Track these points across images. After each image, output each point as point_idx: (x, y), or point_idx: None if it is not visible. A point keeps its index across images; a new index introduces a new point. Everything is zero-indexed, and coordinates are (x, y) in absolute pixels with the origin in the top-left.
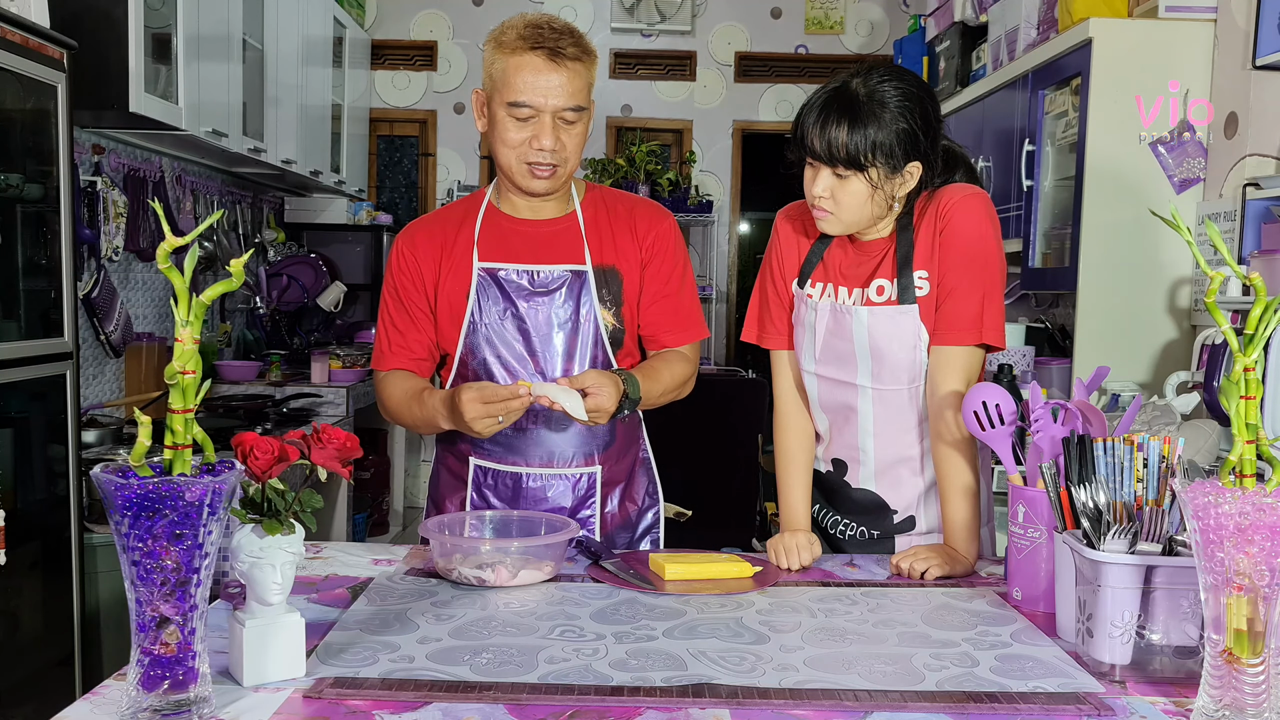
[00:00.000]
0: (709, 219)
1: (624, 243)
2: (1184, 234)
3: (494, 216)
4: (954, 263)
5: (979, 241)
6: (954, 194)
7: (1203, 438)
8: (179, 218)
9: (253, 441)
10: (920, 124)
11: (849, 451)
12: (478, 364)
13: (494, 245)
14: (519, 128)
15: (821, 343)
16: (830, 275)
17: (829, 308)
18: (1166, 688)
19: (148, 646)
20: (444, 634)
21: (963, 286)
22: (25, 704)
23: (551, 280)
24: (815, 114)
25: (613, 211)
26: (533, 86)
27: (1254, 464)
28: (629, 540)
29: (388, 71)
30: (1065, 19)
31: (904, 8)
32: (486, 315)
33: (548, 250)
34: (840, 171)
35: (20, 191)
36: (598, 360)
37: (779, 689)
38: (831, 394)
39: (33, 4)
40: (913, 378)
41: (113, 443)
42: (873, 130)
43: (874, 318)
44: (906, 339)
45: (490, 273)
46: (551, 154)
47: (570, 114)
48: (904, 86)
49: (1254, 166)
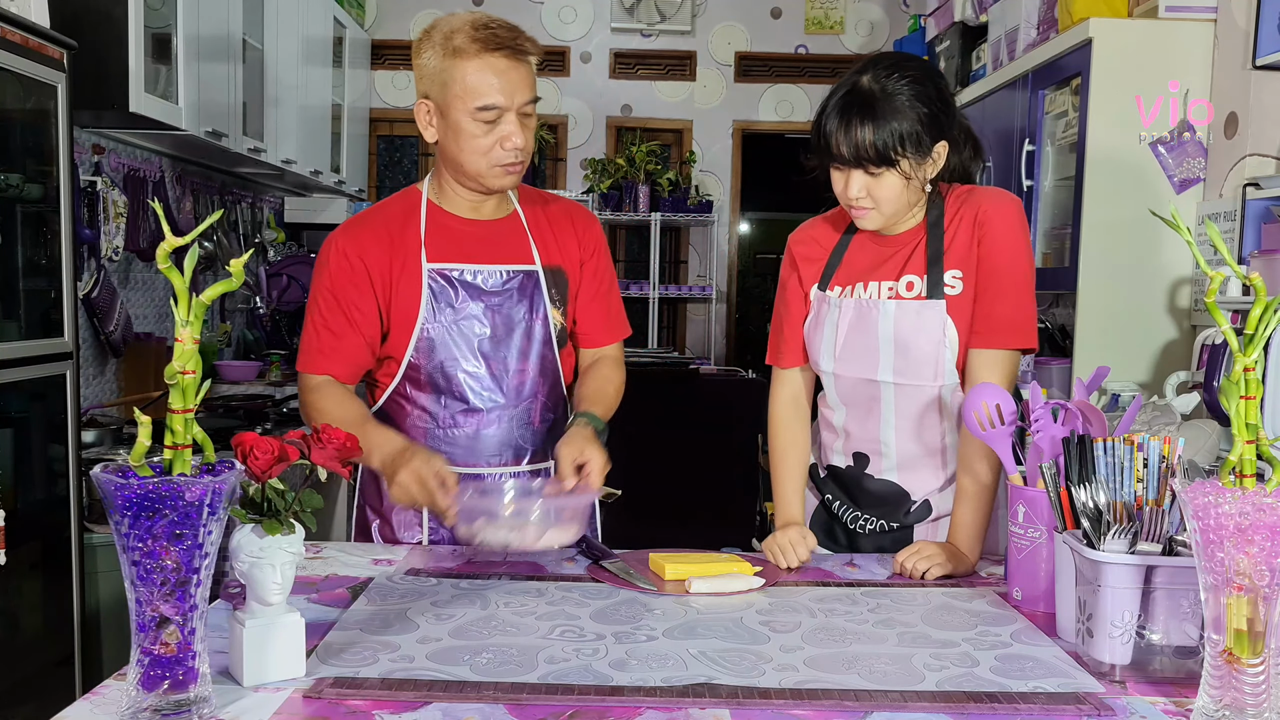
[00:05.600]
0: (709, 219)
1: (566, 242)
2: (1184, 234)
3: (437, 215)
4: (995, 267)
5: (1019, 248)
6: (993, 200)
7: (1203, 438)
8: (179, 218)
9: (253, 441)
10: (938, 105)
11: (870, 445)
12: (433, 367)
13: (442, 246)
14: (487, 131)
15: (843, 339)
16: (854, 275)
17: (854, 303)
18: (1166, 688)
19: (148, 646)
20: (444, 634)
21: (1005, 291)
22: (25, 704)
23: (505, 280)
24: (835, 119)
25: (549, 211)
26: (499, 88)
27: (1254, 464)
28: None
29: (388, 71)
30: (1065, 19)
31: (904, 8)
32: (441, 317)
33: (497, 250)
34: (873, 170)
35: (20, 191)
36: (546, 360)
37: (779, 689)
38: (852, 390)
39: (33, 4)
40: (936, 374)
41: (113, 443)
42: (895, 123)
43: (901, 311)
44: (933, 334)
45: (442, 274)
46: (522, 150)
47: (528, 106)
48: (912, 71)
49: (1254, 166)
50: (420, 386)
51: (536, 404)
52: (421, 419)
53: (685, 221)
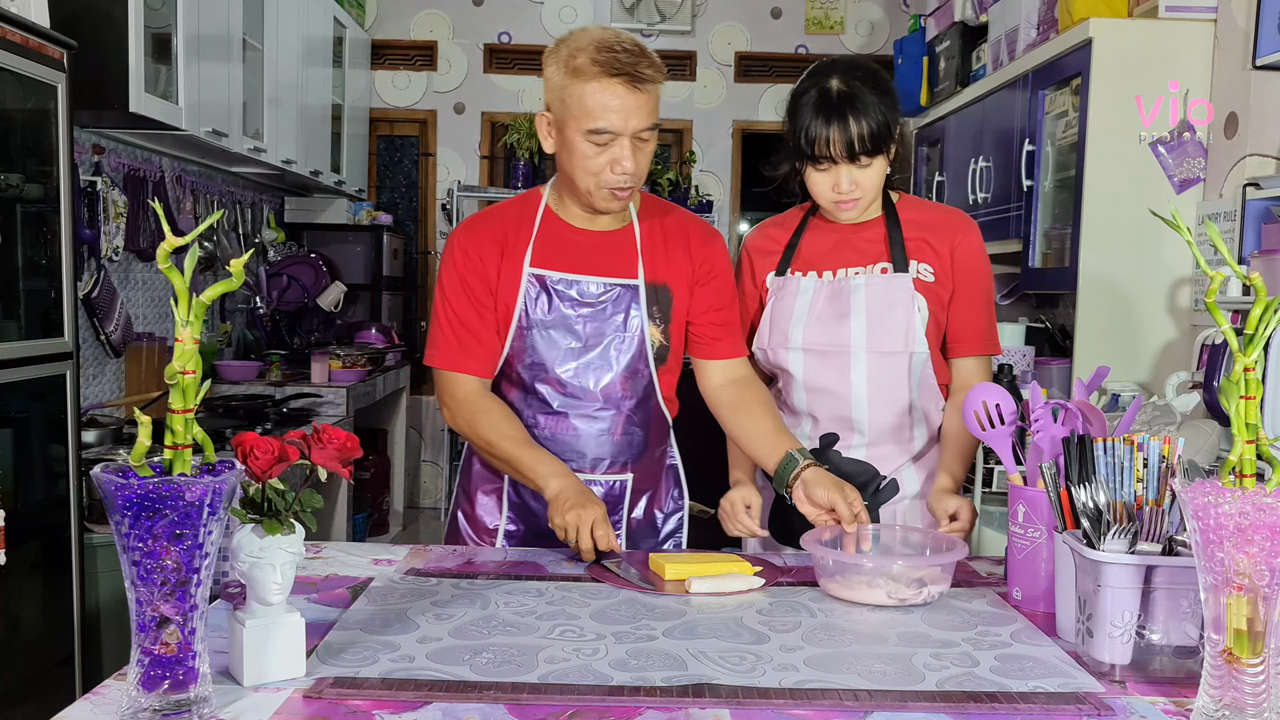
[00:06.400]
0: (709, 219)
1: (678, 261)
2: (1184, 234)
3: (552, 222)
4: (971, 286)
5: (986, 267)
6: (966, 228)
7: (1203, 438)
8: (179, 218)
9: (253, 441)
10: (893, 98)
11: (841, 423)
12: (523, 368)
13: (549, 252)
14: (598, 152)
15: (815, 312)
16: (815, 262)
17: (825, 285)
18: (1166, 688)
19: (148, 646)
20: (444, 634)
21: (980, 306)
22: (25, 704)
23: (602, 292)
24: (820, 122)
25: (667, 227)
26: (615, 112)
27: (1254, 464)
28: (653, 545)
29: (388, 71)
30: (1065, 19)
31: (904, 8)
32: (535, 320)
33: (603, 262)
34: (864, 161)
35: (20, 191)
36: (640, 374)
37: (779, 689)
38: (820, 367)
39: (33, 4)
40: (908, 341)
41: (113, 443)
42: (876, 113)
43: (870, 281)
44: (904, 301)
45: (540, 279)
46: (631, 176)
47: (646, 133)
48: (861, 64)
49: (1254, 166)
50: (512, 383)
51: (620, 417)
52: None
53: None
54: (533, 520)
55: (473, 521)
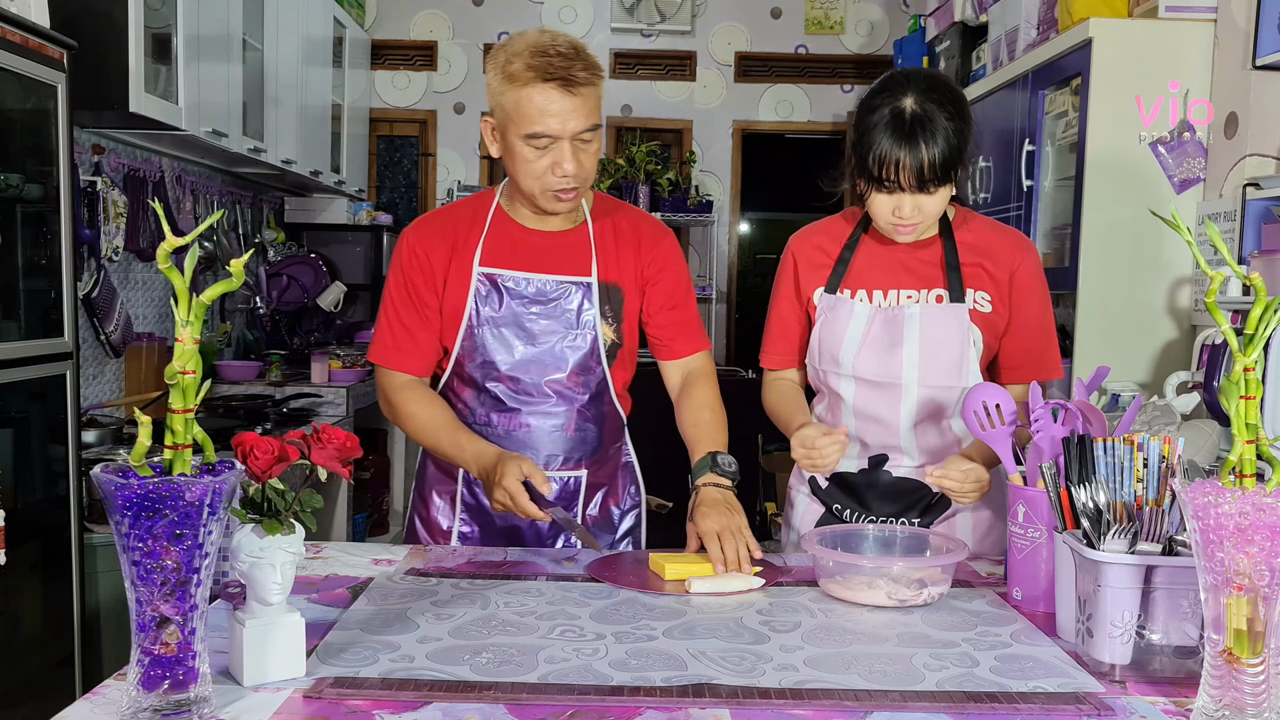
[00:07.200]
0: (709, 219)
1: (628, 260)
2: (1184, 234)
3: (503, 222)
4: (1028, 311)
5: (1044, 291)
6: (1026, 253)
7: (1203, 438)
8: (179, 218)
9: (253, 441)
10: (968, 120)
11: (890, 449)
12: (474, 367)
13: (499, 251)
14: (538, 156)
15: (864, 344)
16: (867, 280)
17: (879, 311)
18: (1166, 688)
19: (148, 646)
20: (444, 634)
21: (1034, 333)
22: (25, 704)
23: (554, 290)
24: (892, 145)
25: (619, 227)
26: (553, 116)
27: (1254, 464)
28: (610, 542)
29: (388, 71)
30: (1065, 19)
31: (904, 8)
32: (485, 319)
33: (555, 260)
34: (931, 189)
35: (20, 191)
36: (592, 371)
37: (779, 689)
38: (872, 396)
39: (33, 4)
40: (961, 376)
41: (113, 443)
42: (950, 140)
43: (926, 313)
44: (959, 335)
45: (491, 278)
46: (574, 177)
47: (587, 134)
48: (939, 83)
49: (1254, 166)
50: (464, 381)
51: (573, 413)
52: (464, 412)
53: (685, 222)
54: (486, 520)
55: (428, 523)
